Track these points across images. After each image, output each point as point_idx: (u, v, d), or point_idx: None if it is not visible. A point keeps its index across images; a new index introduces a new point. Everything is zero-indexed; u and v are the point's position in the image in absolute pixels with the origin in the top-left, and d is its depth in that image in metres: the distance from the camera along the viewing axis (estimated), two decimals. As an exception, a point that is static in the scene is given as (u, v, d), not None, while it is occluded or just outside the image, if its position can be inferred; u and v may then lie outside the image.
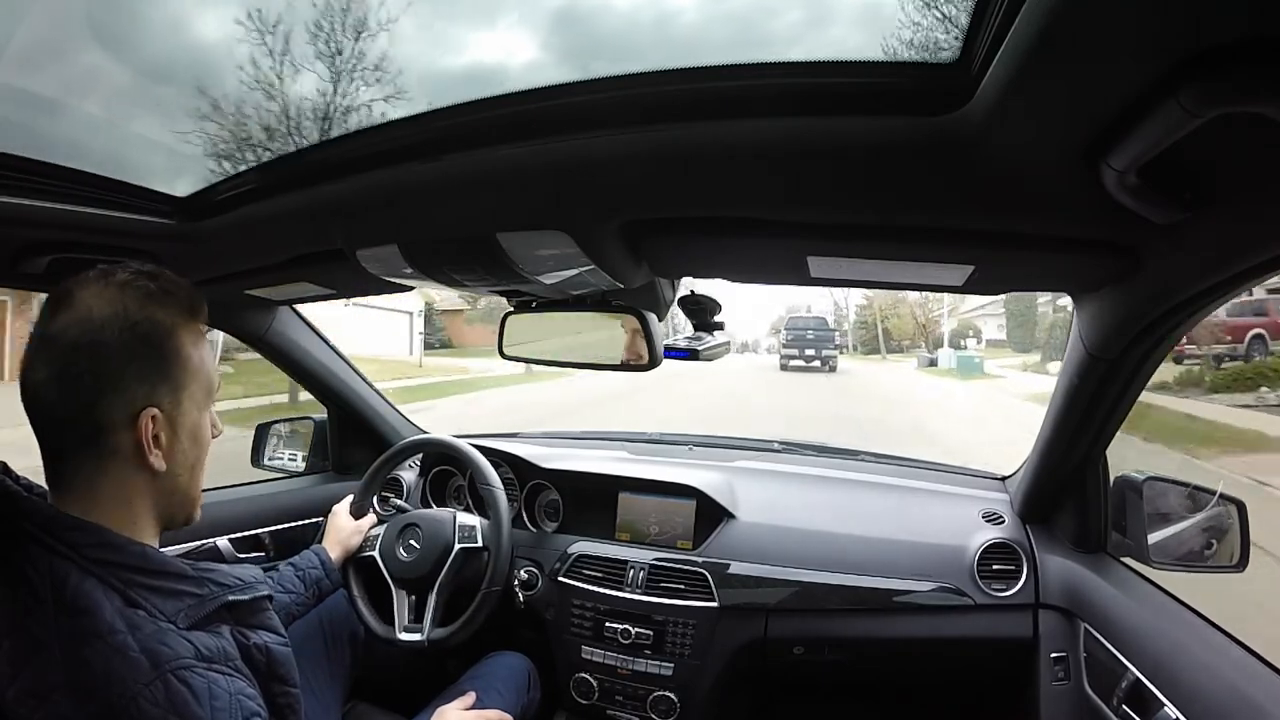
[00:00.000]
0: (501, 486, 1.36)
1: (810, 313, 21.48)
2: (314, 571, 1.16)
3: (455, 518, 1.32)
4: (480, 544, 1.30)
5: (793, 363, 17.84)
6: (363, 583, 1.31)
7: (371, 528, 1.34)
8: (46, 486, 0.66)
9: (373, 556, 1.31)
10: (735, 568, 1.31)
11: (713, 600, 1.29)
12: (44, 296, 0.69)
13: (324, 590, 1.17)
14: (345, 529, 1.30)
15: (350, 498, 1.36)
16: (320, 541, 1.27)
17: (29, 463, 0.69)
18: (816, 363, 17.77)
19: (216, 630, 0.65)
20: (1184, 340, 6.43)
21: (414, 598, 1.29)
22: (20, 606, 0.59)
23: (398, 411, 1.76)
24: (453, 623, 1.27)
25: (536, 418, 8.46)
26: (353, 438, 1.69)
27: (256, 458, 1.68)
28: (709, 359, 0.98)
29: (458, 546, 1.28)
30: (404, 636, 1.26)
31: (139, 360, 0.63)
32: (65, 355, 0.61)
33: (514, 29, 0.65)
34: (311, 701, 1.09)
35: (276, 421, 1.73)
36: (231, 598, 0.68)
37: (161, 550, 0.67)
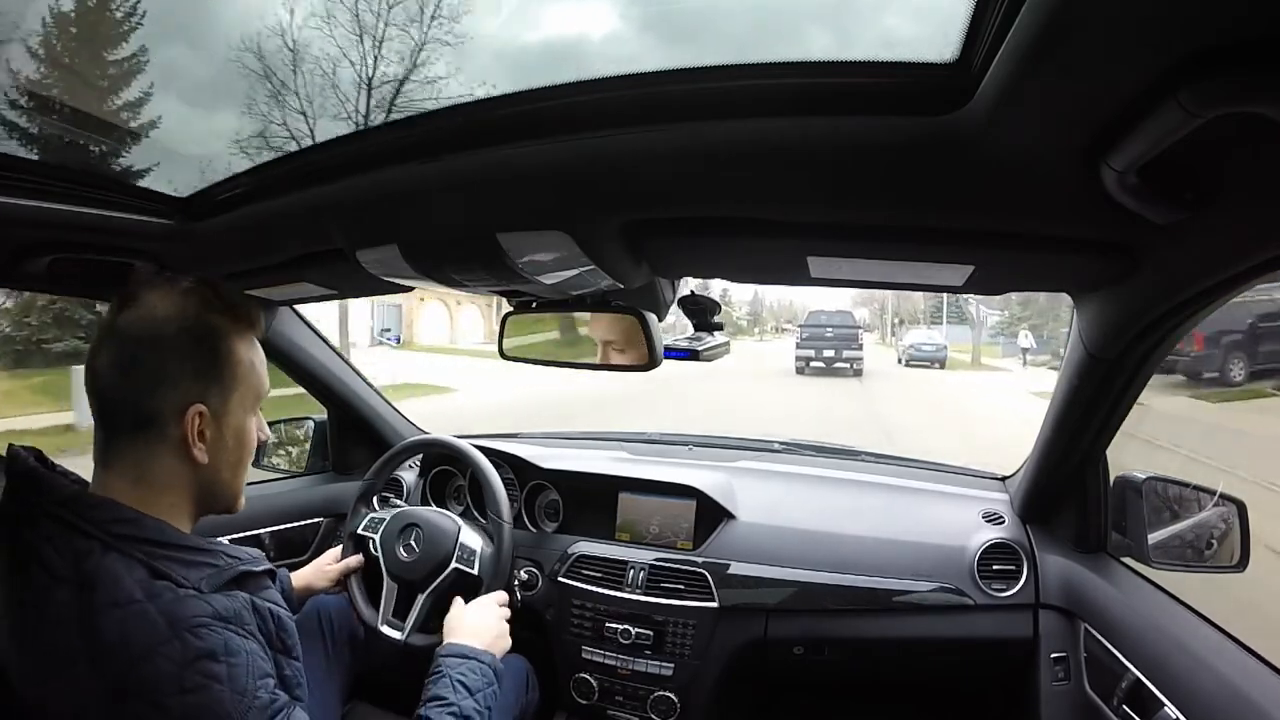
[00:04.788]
0: (511, 521, 1.32)
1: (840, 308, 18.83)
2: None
3: (459, 533, 1.29)
4: (475, 572, 1.26)
5: (811, 364, 15.72)
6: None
7: (370, 516, 1.34)
8: (94, 462, 0.69)
9: (373, 540, 1.30)
10: (735, 568, 1.31)
11: (713, 600, 1.29)
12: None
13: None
14: (321, 563, 1.28)
15: (338, 549, 1.33)
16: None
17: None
18: (841, 365, 15.64)
19: (233, 594, 0.68)
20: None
21: (403, 594, 1.28)
22: (36, 585, 0.61)
23: (398, 412, 1.75)
24: (436, 632, 1.26)
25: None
26: (353, 438, 1.69)
27: (256, 458, 1.67)
28: (709, 359, 0.98)
29: (454, 565, 1.26)
30: (385, 630, 1.25)
31: (193, 359, 0.69)
32: (128, 346, 0.68)
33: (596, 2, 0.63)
34: (312, 701, 1.09)
35: (276, 422, 1.72)
36: (244, 568, 0.71)
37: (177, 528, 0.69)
